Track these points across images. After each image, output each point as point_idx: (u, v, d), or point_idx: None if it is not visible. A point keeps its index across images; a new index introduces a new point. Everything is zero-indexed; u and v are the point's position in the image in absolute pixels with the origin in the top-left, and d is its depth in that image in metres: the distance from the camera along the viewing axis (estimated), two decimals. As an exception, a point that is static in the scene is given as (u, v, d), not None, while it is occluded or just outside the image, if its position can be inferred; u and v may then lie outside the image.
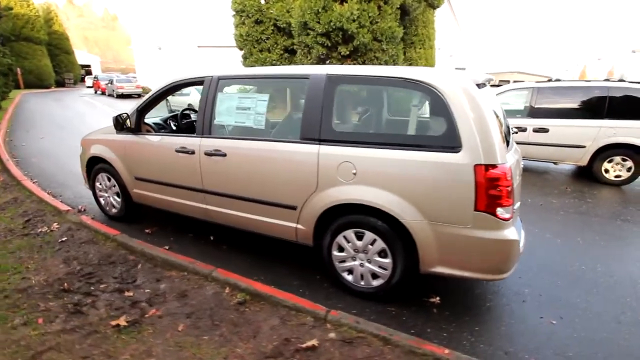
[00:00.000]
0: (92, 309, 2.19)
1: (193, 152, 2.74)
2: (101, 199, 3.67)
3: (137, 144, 3.13)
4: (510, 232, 1.96)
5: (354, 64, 9.93)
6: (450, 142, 1.96)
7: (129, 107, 3.33)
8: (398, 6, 9.74)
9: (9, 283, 2.40)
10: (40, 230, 3.23)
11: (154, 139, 3.06)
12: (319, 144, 2.26)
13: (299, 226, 2.45)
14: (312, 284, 2.57)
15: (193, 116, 3.96)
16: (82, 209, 3.84)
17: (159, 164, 3.01)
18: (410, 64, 11.89)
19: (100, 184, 3.58)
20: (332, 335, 1.95)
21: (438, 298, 2.40)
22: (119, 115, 3.04)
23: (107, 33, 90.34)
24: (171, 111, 14.28)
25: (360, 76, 2.25)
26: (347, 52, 9.62)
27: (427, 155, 2.00)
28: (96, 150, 3.46)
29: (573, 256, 3.12)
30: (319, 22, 9.29)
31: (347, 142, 2.22)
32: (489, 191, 1.89)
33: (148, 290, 2.38)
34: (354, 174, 2.16)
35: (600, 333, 2.14)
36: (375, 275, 2.32)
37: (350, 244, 2.32)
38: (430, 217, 2.03)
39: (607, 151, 5.15)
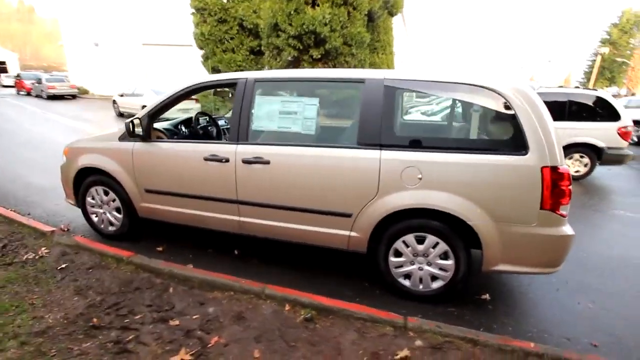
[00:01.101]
0: (139, 345, 1.88)
1: (227, 160, 2.51)
2: (93, 216, 3.20)
3: (149, 152, 2.78)
4: (568, 228, 2.11)
5: (326, 67, 10.00)
6: (517, 145, 2.05)
7: (63, 109, 3.00)
8: (366, 12, 10.02)
9: (19, 326, 1.96)
10: (25, 257, 2.70)
11: (172, 146, 2.75)
12: (380, 149, 2.22)
13: (353, 234, 2.38)
14: (364, 292, 2.51)
15: (202, 121, 3.62)
16: (65, 229, 3.31)
17: (179, 174, 2.70)
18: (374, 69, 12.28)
19: (94, 199, 3.11)
20: (418, 343, 1.91)
21: (488, 295, 2.49)
22: (131, 120, 2.67)
23: (24, 27, 79.24)
24: (119, 114, 13.07)
25: (421, 82, 2.26)
26: (319, 56, 9.66)
27: (495, 159, 2.07)
28: (89, 160, 3.00)
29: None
30: (291, 25, 9.19)
31: (410, 147, 2.21)
32: (554, 191, 2.01)
33: (196, 316, 2.11)
34: (420, 178, 2.16)
35: (634, 310, 2.40)
36: (434, 278, 2.34)
37: (409, 249, 2.31)
38: (496, 218, 2.10)
39: (567, 150, 5.83)
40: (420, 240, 2.28)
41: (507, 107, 2.08)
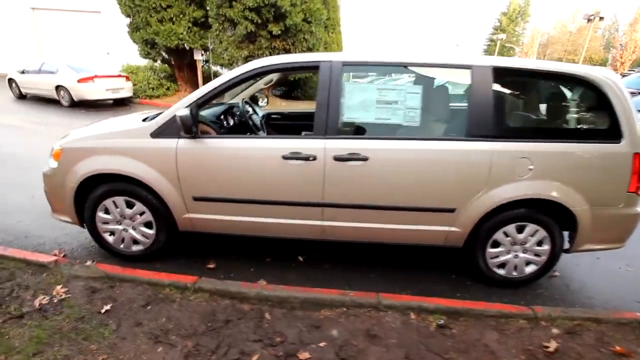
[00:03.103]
0: (288, 393, 1.54)
1: (314, 158, 2.15)
2: (107, 235, 2.49)
3: (202, 151, 2.22)
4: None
5: (285, 45, 9.41)
6: (613, 133, 2.17)
7: None
8: (322, -13, 9.59)
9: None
10: (38, 302, 1.97)
11: (236, 143, 2.25)
12: (492, 141, 2.14)
13: (453, 229, 2.30)
14: (459, 286, 2.48)
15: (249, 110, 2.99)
16: (61, 254, 2.53)
17: (247, 176, 2.23)
18: (326, 48, 12.01)
19: (109, 214, 2.41)
20: (555, 331, 1.97)
21: (557, 272, 2.69)
22: (189, 112, 2.06)
23: None
24: (20, 95, 10.41)
25: (525, 69, 2.20)
26: (279, 32, 9.02)
27: (596, 147, 2.16)
28: (105, 164, 2.29)
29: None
30: (248, -5, 8.30)
31: (520, 137, 2.18)
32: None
33: (323, 344, 1.82)
34: (530, 169, 2.15)
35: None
36: (527, 264, 2.42)
37: (509, 239, 2.33)
38: (592, 202, 2.23)
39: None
40: (520, 229, 2.32)
41: (604, 96, 2.17)
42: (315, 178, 2.20)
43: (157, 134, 2.25)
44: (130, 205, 2.39)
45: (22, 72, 10.12)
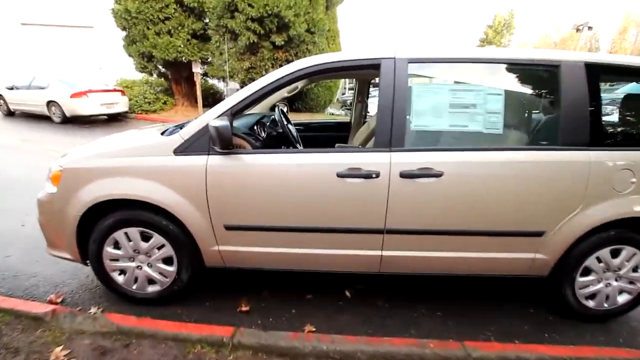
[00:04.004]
0: None
1: (377, 175, 1.76)
2: (116, 274, 2.05)
3: (237, 170, 1.81)
4: None
5: (287, 56, 9.15)
6: None
7: None
8: (326, -2, 9.44)
9: None
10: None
11: (280, 159, 1.84)
12: (590, 150, 1.78)
13: (539, 256, 1.91)
14: (542, 323, 2.07)
15: (266, 117, 2.61)
16: (59, 299, 2.07)
17: (292, 199, 1.83)
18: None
19: (120, 249, 1.98)
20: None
21: None
22: (226, 122, 1.65)
23: None
24: (9, 112, 9.89)
25: (623, 66, 1.87)
26: (282, 42, 8.76)
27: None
28: (119, 187, 1.85)
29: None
30: (251, 5, 8.06)
31: (619, 144, 1.83)
32: None
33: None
34: (633, 182, 1.79)
35: None
36: (619, 293, 2.04)
37: (602, 265, 1.96)
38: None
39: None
40: (615, 253, 1.94)
41: None
42: (376, 199, 1.80)
43: (183, 149, 1.84)
44: (146, 238, 1.95)
45: (11, 89, 9.64)
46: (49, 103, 8.98)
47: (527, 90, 2.05)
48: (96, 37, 16.85)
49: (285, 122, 2.56)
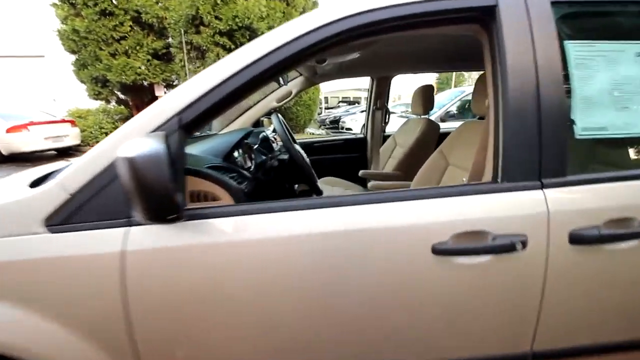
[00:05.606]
0: None
1: (523, 245, 0.78)
2: None
3: (206, 258, 0.77)
4: None
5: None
6: None
7: None
8: (301, 9, 8.76)
9: None
10: None
11: (301, 225, 0.81)
12: None
13: None
14: None
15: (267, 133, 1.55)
16: None
17: (337, 316, 0.80)
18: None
19: None
20: None
21: None
22: (160, 147, 0.62)
23: None
24: None
25: None
26: (256, 58, 7.84)
27: None
28: None
29: None
30: (218, 18, 7.17)
31: None
32: None
33: None
34: None
35: None
36: None
37: None
38: None
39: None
40: None
41: None
42: (519, 293, 0.82)
43: (67, 217, 0.78)
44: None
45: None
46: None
47: None
48: (48, 66, 15.42)
49: (290, 139, 1.46)
